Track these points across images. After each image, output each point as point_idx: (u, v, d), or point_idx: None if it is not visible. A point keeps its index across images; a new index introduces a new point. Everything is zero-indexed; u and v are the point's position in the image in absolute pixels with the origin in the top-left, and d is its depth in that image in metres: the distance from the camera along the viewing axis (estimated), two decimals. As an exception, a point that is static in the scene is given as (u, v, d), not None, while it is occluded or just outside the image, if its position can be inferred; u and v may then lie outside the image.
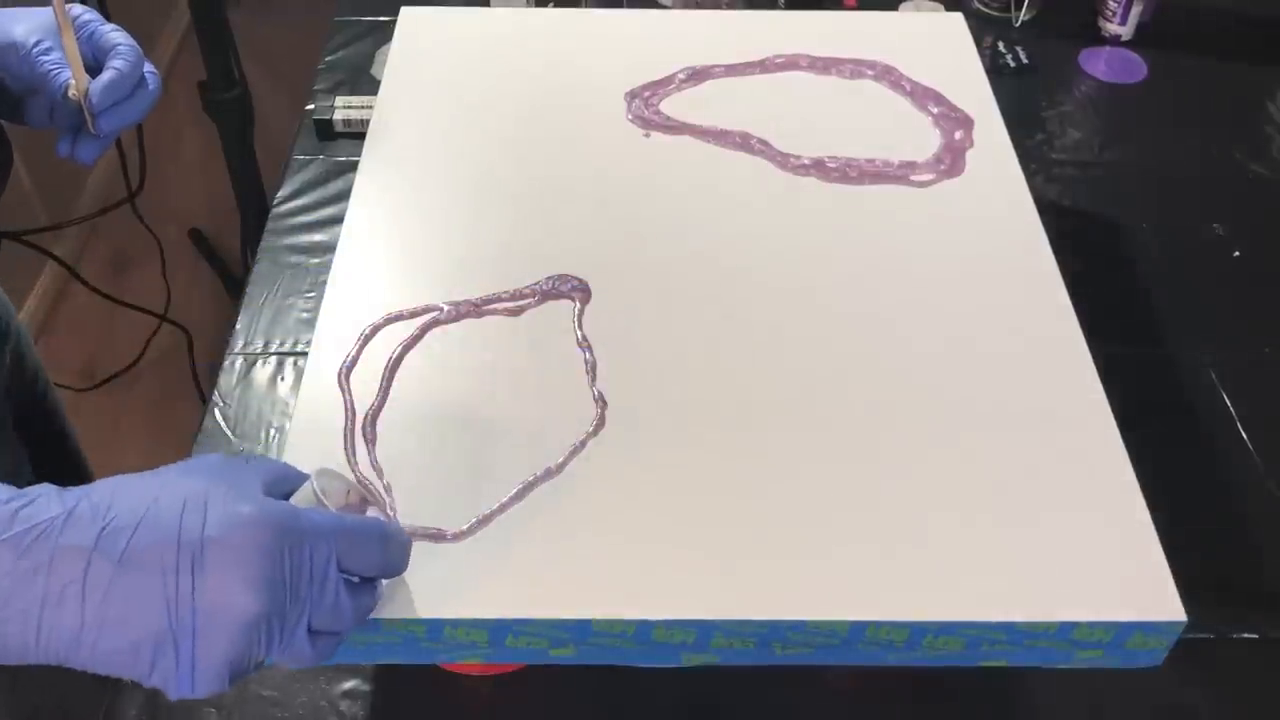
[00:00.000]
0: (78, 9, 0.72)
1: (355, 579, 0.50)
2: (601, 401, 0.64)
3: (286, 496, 0.51)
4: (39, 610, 0.42)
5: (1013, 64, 1.21)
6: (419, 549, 0.57)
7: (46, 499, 0.44)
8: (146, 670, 0.44)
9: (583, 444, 0.62)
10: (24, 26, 0.71)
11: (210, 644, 0.44)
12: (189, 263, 2.01)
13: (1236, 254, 1.01)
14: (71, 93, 0.69)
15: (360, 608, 0.50)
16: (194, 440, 0.84)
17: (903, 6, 1.25)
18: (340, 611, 0.48)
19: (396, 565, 0.52)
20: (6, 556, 0.42)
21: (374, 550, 0.50)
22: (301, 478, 0.52)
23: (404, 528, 0.58)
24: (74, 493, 0.44)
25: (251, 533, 0.45)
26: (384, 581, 0.54)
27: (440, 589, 0.56)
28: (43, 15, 0.72)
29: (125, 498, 0.44)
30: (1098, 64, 1.22)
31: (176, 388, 1.71)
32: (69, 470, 0.95)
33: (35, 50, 0.70)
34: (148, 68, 0.72)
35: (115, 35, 0.72)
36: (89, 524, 0.43)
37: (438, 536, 0.58)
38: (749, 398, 0.65)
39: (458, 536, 0.58)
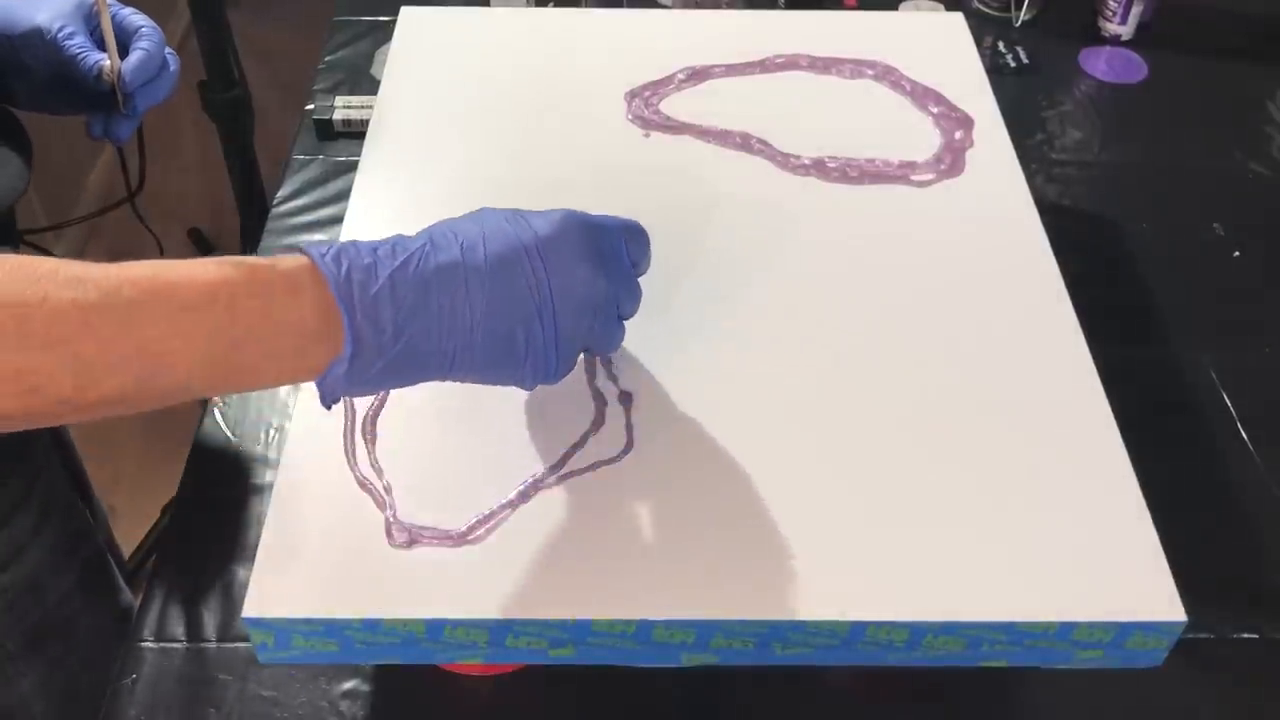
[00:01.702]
0: None
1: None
2: (601, 400, 0.64)
3: None
4: (438, 318, 0.52)
5: (1013, 64, 1.21)
6: (420, 549, 0.57)
7: (403, 240, 0.53)
8: (522, 353, 0.54)
9: (583, 442, 0.62)
10: (46, 13, 0.75)
11: (566, 316, 0.54)
12: (189, 263, 2.01)
13: (1236, 254, 1.01)
14: (106, 74, 0.72)
15: (639, 296, 0.60)
16: (193, 440, 0.84)
17: (903, 6, 1.25)
18: (634, 292, 0.60)
19: (647, 263, 0.62)
20: (405, 279, 0.51)
21: (644, 240, 0.61)
22: None
23: (406, 527, 0.58)
24: (417, 235, 0.54)
25: (571, 225, 0.56)
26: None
27: (440, 589, 0.56)
28: (61, 1, 0.74)
29: (457, 226, 0.55)
30: (1098, 64, 1.22)
31: (176, 388, 1.71)
32: (64, 472, 0.95)
33: (61, 35, 0.74)
34: (166, 49, 0.77)
35: (136, 18, 0.77)
36: (448, 245, 0.53)
37: (442, 539, 0.58)
38: (748, 397, 0.65)
39: (460, 537, 0.58)
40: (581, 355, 0.67)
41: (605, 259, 0.57)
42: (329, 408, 0.52)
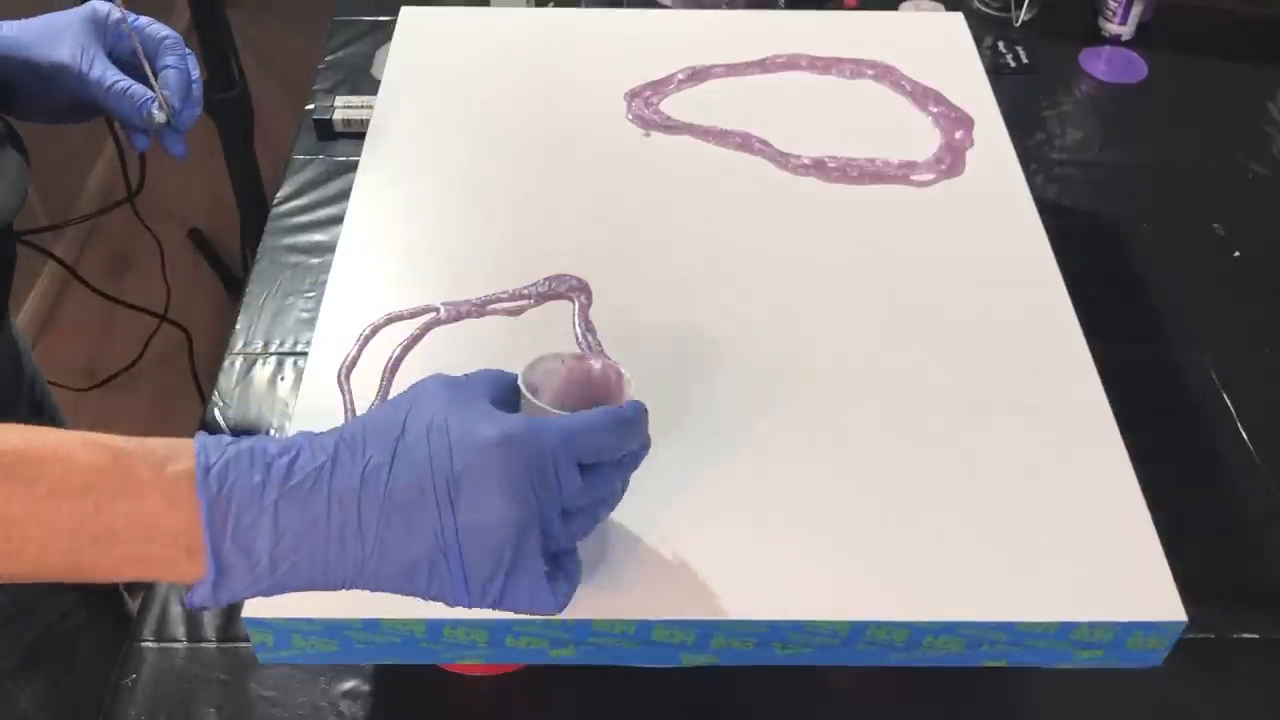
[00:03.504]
0: (117, 11, 0.74)
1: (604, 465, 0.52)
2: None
3: (513, 394, 0.53)
4: (324, 549, 0.46)
5: (1013, 64, 1.21)
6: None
7: (310, 448, 0.47)
8: (424, 585, 0.48)
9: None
10: (69, 47, 0.73)
11: (476, 559, 0.47)
12: (189, 263, 2.01)
13: (1236, 254, 1.01)
14: (158, 115, 0.73)
15: (612, 490, 0.52)
16: (194, 440, 0.84)
17: (903, 6, 1.25)
18: (592, 515, 0.51)
19: (636, 442, 0.53)
20: (291, 507, 0.46)
21: (609, 438, 0.51)
22: (512, 376, 0.54)
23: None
24: (329, 436, 0.48)
25: (495, 457, 0.47)
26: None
27: (440, 589, 0.56)
28: (76, 26, 0.74)
29: (374, 435, 0.48)
30: (1098, 64, 1.22)
31: (176, 388, 1.71)
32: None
33: (94, 73, 0.73)
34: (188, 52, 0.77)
35: (153, 28, 0.76)
36: (351, 467, 0.47)
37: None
38: (748, 398, 0.65)
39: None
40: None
41: (543, 482, 0.48)
42: (195, 613, 0.48)
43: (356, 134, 1.08)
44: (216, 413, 0.86)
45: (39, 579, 0.45)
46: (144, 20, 0.76)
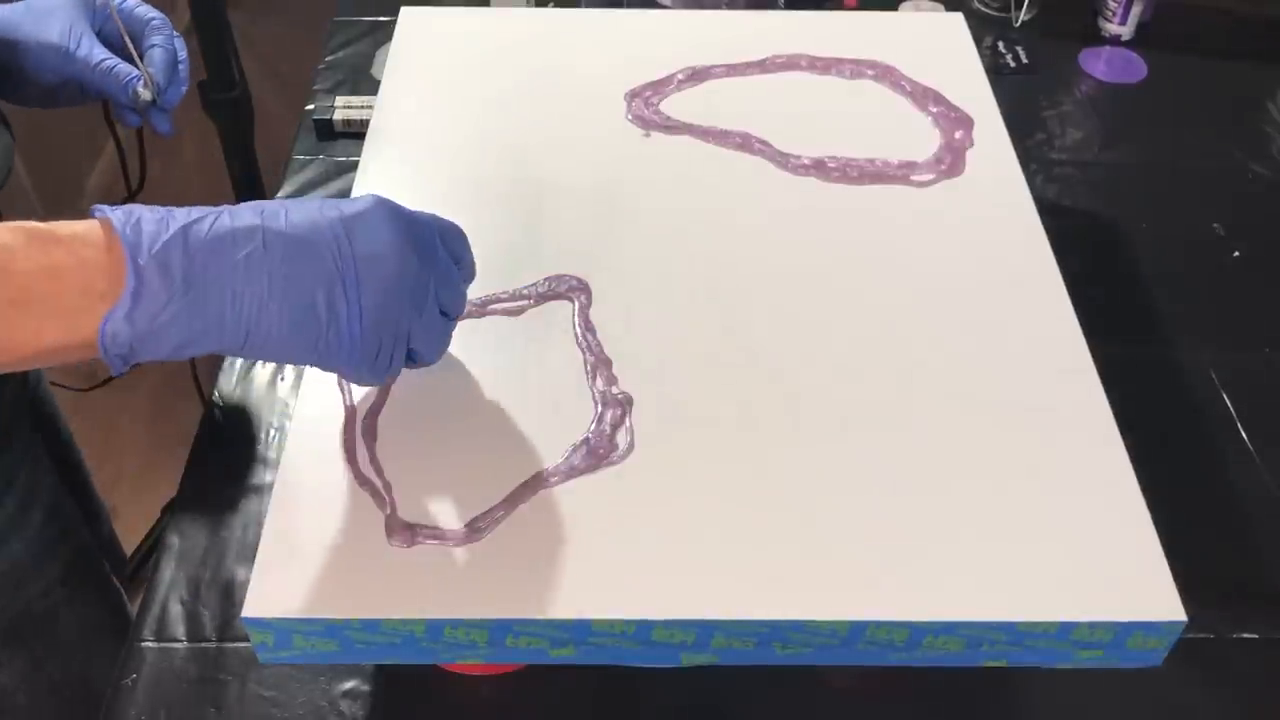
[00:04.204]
0: None
1: None
2: (602, 402, 0.64)
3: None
4: (231, 276, 0.50)
5: (1013, 64, 1.21)
6: (420, 549, 0.57)
7: (200, 208, 0.52)
8: (324, 322, 0.52)
9: (583, 443, 0.62)
10: (58, 26, 0.76)
11: (372, 289, 0.53)
12: (189, 263, 2.01)
13: (1236, 254, 1.01)
14: (143, 93, 0.76)
15: (464, 295, 0.60)
16: (193, 440, 0.84)
17: (903, 6, 1.25)
18: (453, 285, 0.58)
19: (473, 263, 0.61)
20: (198, 235, 0.50)
21: (462, 239, 0.60)
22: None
23: (406, 527, 0.58)
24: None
25: (381, 209, 0.54)
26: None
27: (440, 589, 0.56)
28: (65, 6, 0.77)
29: (258, 203, 0.53)
30: (1098, 64, 1.22)
31: (176, 388, 1.71)
32: (66, 471, 0.95)
33: (80, 51, 0.75)
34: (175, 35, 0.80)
35: (141, 9, 0.79)
36: (249, 211, 0.52)
37: (441, 538, 0.58)
38: (749, 398, 0.65)
39: (460, 537, 0.58)
40: (583, 353, 0.67)
41: (421, 242, 0.55)
42: (118, 370, 0.50)
43: (356, 134, 1.08)
44: (217, 413, 0.86)
45: None
46: (132, 2, 0.78)
